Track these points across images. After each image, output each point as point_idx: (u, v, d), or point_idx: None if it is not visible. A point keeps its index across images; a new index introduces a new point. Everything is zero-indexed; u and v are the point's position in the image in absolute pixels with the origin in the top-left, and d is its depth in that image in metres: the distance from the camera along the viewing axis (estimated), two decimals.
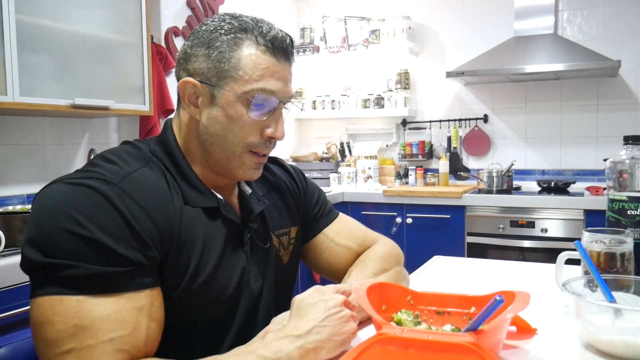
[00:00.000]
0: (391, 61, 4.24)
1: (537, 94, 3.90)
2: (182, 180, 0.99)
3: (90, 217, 0.81)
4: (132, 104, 2.52)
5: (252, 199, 1.11)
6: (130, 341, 0.79)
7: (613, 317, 0.90)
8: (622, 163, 1.27)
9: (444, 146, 4.18)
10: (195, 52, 0.99)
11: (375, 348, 0.79)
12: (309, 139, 4.67)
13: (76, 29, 2.24)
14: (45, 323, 0.77)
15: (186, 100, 0.99)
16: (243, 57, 0.96)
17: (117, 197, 0.85)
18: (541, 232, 3.29)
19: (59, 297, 0.77)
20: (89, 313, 0.77)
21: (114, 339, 0.77)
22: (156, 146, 1.01)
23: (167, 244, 0.90)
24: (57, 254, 0.78)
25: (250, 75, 0.96)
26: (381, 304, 0.96)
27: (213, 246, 0.98)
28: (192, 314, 0.96)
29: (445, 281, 1.47)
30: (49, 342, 0.77)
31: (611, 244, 1.12)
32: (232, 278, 1.01)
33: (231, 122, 0.97)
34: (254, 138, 1.00)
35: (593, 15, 3.72)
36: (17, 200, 2.39)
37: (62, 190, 0.84)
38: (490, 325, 0.80)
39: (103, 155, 0.95)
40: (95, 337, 0.76)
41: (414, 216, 3.61)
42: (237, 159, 1.00)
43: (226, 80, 0.96)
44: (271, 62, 0.98)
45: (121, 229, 0.83)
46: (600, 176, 3.71)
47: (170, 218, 0.92)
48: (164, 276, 0.90)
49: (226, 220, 1.02)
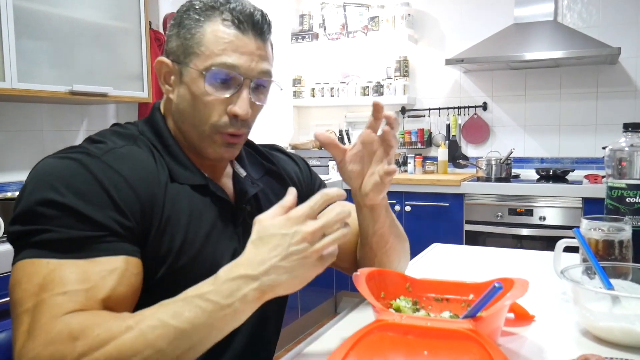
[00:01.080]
0: (390, 48, 4.22)
1: (536, 81, 3.89)
2: (170, 158, 0.98)
3: (68, 185, 0.82)
4: (130, 90, 2.51)
5: (247, 181, 1.10)
6: (85, 296, 0.77)
7: (611, 304, 0.90)
8: (622, 151, 1.27)
9: (443, 134, 4.17)
10: (170, 33, 0.99)
11: (374, 334, 0.79)
12: (308, 127, 4.66)
13: (74, 15, 2.23)
14: (15, 285, 0.78)
15: (162, 79, 1.00)
16: (207, 33, 0.94)
17: (98, 167, 0.86)
18: (539, 220, 3.30)
19: (30, 260, 0.79)
20: (54, 272, 0.77)
21: (67, 292, 0.76)
22: (144, 126, 1.02)
23: (149, 217, 0.90)
24: (33, 220, 0.80)
25: (212, 50, 0.93)
26: (380, 290, 0.96)
27: (201, 223, 0.97)
28: (182, 291, 0.94)
29: (444, 268, 1.47)
30: (14, 303, 0.78)
31: (610, 232, 1.12)
32: (222, 258, 0.99)
33: (195, 100, 0.96)
34: (219, 117, 0.96)
35: (593, 2, 3.70)
36: (15, 187, 2.39)
37: (47, 163, 0.87)
38: (489, 312, 0.80)
39: (90, 137, 0.96)
40: (50, 291, 0.76)
41: (412, 204, 3.61)
42: (207, 137, 0.98)
43: (190, 57, 0.95)
44: (235, 35, 0.94)
45: (98, 196, 0.84)
46: (599, 164, 3.72)
47: (154, 191, 0.92)
48: (149, 250, 0.89)
49: (216, 199, 1.01)
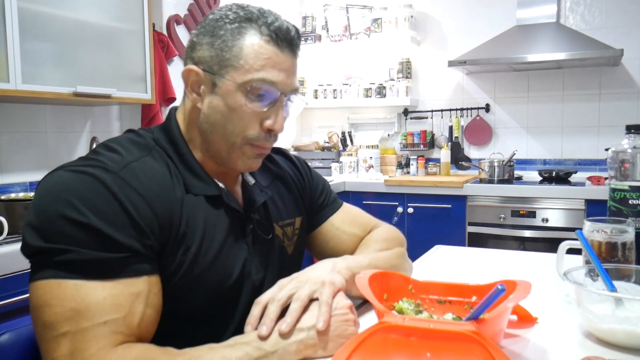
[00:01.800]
0: (393, 50, 4.22)
1: (539, 83, 3.89)
2: (185, 169, 0.99)
3: (88, 204, 0.82)
4: (134, 92, 2.52)
5: (255, 189, 1.10)
6: (124, 324, 0.80)
7: (614, 306, 0.90)
8: (624, 152, 1.27)
9: (446, 136, 4.17)
10: (200, 41, 0.98)
11: (377, 336, 0.79)
12: (311, 128, 4.67)
13: (78, 16, 2.23)
14: (43, 306, 0.78)
15: (189, 88, 0.99)
16: (245, 46, 0.95)
17: (117, 185, 0.85)
18: (542, 222, 3.29)
19: (57, 281, 0.79)
20: (86, 297, 0.78)
21: (108, 322, 0.78)
22: (159, 134, 1.01)
23: (167, 232, 0.91)
24: (55, 239, 0.80)
25: (251, 64, 0.95)
26: (383, 292, 0.96)
27: (215, 235, 0.98)
28: (193, 302, 0.96)
29: (447, 270, 1.47)
30: (46, 325, 0.78)
31: (612, 234, 1.12)
32: (234, 268, 1.01)
33: (231, 112, 0.97)
34: (253, 130, 0.98)
35: (596, 3, 3.70)
36: (20, 188, 2.40)
37: (63, 177, 0.85)
38: (492, 314, 0.80)
39: (106, 144, 0.95)
40: (90, 320, 0.77)
41: (415, 206, 3.61)
42: (237, 149, 0.99)
43: (227, 69, 0.95)
44: (274, 52, 0.96)
45: (119, 216, 0.83)
46: (601, 166, 3.71)
47: (171, 206, 0.92)
48: (164, 262, 0.90)
49: (229, 209, 1.02)
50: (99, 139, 2.64)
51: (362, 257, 1.10)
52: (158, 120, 2.88)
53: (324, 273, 0.95)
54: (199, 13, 3.38)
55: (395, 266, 1.16)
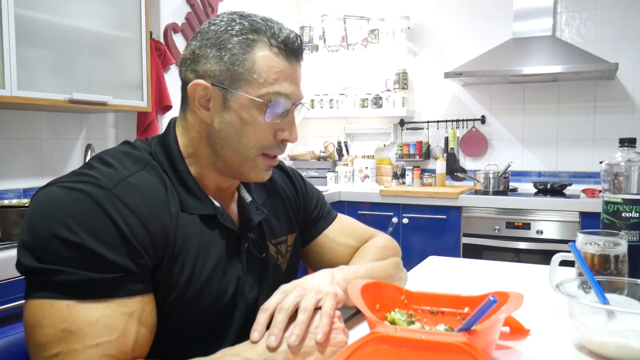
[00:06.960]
0: (390, 61, 4.24)
1: (534, 95, 3.91)
2: (180, 185, 0.97)
3: (81, 223, 0.80)
4: (130, 99, 2.52)
5: (252, 207, 1.09)
6: (117, 346, 0.79)
7: (606, 318, 0.90)
8: (618, 165, 1.27)
9: (441, 147, 4.18)
10: (205, 53, 0.95)
11: (368, 347, 0.79)
12: (307, 138, 4.67)
13: (75, 23, 2.24)
14: (35, 326, 0.78)
15: (196, 103, 0.96)
16: (257, 60, 0.93)
17: (110, 203, 0.84)
18: (537, 234, 3.30)
19: (49, 302, 0.78)
20: (78, 318, 0.77)
21: (100, 344, 0.77)
22: (157, 148, 0.99)
23: (161, 251, 0.89)
24: (48, 259, 0.79)
25: (265, 78, 0.94)
26: (375, 302, 0.96)
27: (209, 254, 0.97)
28: (187, 321, 0.95)
29: (440, 281, 1.47)
30: (38, 345, 0.78)
31: (605, 246, 1.12)
32: (228, 287, 1.00)
33: (245, 126, 0.95)
34: (268, 141, 0.98)
35: (591, 17, 3.73)
36: (13, 194, 2.38)
37: (56, 194, 0.84)
38: (483, 325, 0.80)
39: (100, 157, 0.93)
40: (81, 342, 0.76)
41: (410, 216, 3.61)
42: (251, 161, 0.98)
43: (240, 83, 0.94)
44: (284, 64, 0.96)
45: (112, 235, 0.82)
46: (596, 179, 3.73)
47: (165, 225, 0.90)
48: (158, 281, 0.89)
49: (223, 229, 1.01)
50: (94, 146, 2.63)
51: (358, 268, 1.10)
52: (154, 128, 2.88)
53: (325, 283, 0.93)
54: (196, 22, 3.39)
55: (391, 276, 1.16)
